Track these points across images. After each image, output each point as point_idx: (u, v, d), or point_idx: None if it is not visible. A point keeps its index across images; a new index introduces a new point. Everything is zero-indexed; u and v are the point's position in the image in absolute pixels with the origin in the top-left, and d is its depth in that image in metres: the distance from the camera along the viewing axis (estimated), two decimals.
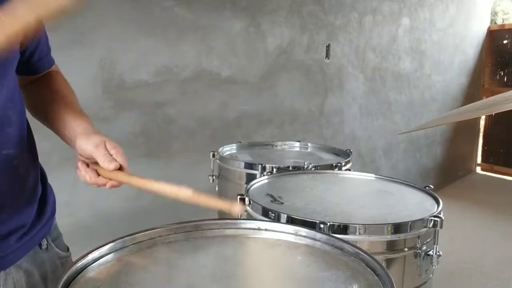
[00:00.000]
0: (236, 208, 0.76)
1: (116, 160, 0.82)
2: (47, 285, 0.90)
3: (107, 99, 2.02)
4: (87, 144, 0.83)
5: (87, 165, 0.86)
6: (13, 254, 0.84)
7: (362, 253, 0.75)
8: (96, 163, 0.83)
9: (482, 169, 5.68)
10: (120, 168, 0.83)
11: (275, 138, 2.72)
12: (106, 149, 0.83)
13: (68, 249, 0.99)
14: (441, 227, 1.04)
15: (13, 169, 0.83)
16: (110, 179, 0.84)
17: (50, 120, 0.93)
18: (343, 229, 1.00)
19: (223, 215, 1.59)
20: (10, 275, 0.84)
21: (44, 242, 0.92)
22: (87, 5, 1.87)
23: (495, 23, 7.51)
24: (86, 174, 0.85)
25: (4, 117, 0.81)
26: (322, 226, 0.98)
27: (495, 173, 5.51)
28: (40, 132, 0.95)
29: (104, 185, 0.85)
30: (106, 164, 0.81)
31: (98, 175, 0.85)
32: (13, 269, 0.85)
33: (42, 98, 0.95)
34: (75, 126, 0.88)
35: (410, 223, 1.03)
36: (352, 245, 0.78)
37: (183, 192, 0.77)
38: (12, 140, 0.83)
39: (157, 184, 0.81)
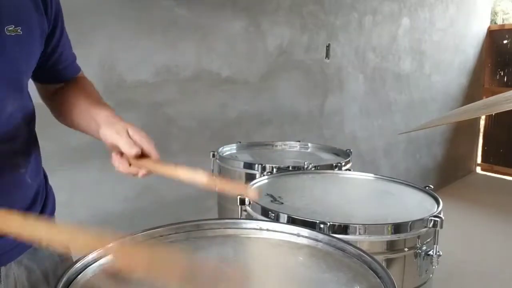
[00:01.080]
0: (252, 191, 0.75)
1: (138, 146, 0.80)
2: (48, 282, 0.90)
3: (107, 99, 1.99)
4: (110, 131, 0.82)
5: (121, 155, 0.83)
6: (13, 251, 0.85)
7: (364, 254, 0.74)
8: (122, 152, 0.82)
9: (482, 169, 5.67)
10: (145, 155, 0.81)
11: (275, 138, 2.71)
12: (129, 136, 0.80)
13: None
14: (441, 227, 1.04)
15: (20, 178, 0.84)
16: (140, 168, 0.82)
17: (75, 118, 0.93)
18: (343, 229, 1.00)
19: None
20: (11, 270, 0.85)
21: None
22: (87, 5, 1.87)
23: (495, 23, 7.51)
24: (119, 164, 0.83)
25: (20, 129, 0.83)
26: (322, 226, 0.98)
27: (495, 173, 5.50)
28: (41, 133, 0.95)
29: (137, 174, 0.83)
30: (128, 150, 0.79)
31: (130, 164, 0.82)
32: (14, 265, 0.86)
33: (67, 100, 0.96)
34: (97, 116, 0.87)
35: (410, 223, 1.03)
36: (354, 246, 0.78)
37: (200, 177, 0.77)
38: (23, 150, 0.85)
39: (178, 171, 0.80)
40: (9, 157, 0.81)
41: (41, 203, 0.91)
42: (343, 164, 1.59)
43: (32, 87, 0.94)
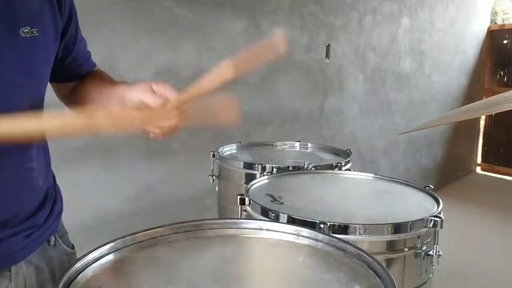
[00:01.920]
0: (277, 36, 0.65)
1: (163, 97, 0.80)
2: (55, 281, 0.91)
3: None
4: (134, 91, 0.82)
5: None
6: (23, 250, 0.85)
7: (364, 254, 0.74)
8: (149, 110, 0.80)
9: (482, 169, 5.68)
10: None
11: (275, 138, 2.71)
12: (153, 90, 0.81)
13: (73, 247, 1.00)
14: (441, 227, 1.04)
15: (32, 181, 0.85)
16: (171, 114, 0.80)
17: (95, 100, 0.92)
18: (343, 229, 1.00)
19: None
20: (21, 270, 0.85)
21: (52, 239, 0.93)
22: (87, 5, 1.87)
23: (495, 23, 7.51)
24: (158, 126, 0.81)
25: None
26: (322, 226, 0.98)
27: (495, 173, 5.50)
28: None
29: (176, 124, 0.81)
30: (153, 102, 0.78)
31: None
32: (24, 264, 0.86)
33: (86, 90, 0.95)
34: (119, 88, 0.87)
35: (410, 223, 1.03)
36: (354, 246, 0.78)
37: (224, 69, 0.73)
38: (35, 153, 0.85)
39: (202, 82, 0.77)
40: (25, 162, 0.82)
41: (50, 204, 0.91)
42: (343, 164, 1.59)
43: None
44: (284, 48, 0.64)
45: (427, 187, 1.29)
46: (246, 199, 1.14)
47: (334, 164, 1.58)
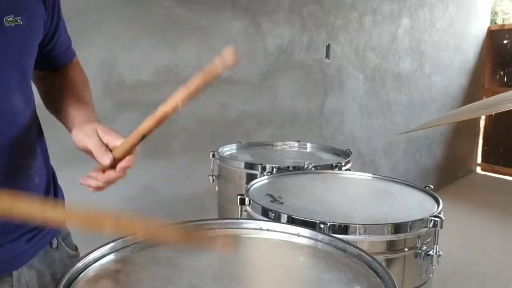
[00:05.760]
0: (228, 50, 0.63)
1: (110, 151, 0.76)
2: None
3: (107, 99, 2.02)
4: (80, 135, 0.78)
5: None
6: (25, 254, 0.84)
7: (364, 254, 0.75)
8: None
9: (482, 169, 5.68)
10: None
11: (275, 138, 2.71)
12: (99, 138, 0.76)
13: (76, 248, 0.99)
14: (441, 227, 1.04)
15: (29, 178, 0.83)
16: (114, 165, 0.76)
17: (58, 113, 0.91)
18: (343, 229, 1.00)
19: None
20: (22, 274, 0.84)
21: (55, 241, 0.92)
22: (87, 5, 1.87)
23: (495, 23, 7.52)
24: (94, 183, 0.79)
25: (27, 128, 0.82)
26: (322, 226, 0.98)
27: (495, 173, 5.51)
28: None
29: (114, 178, 0.77)
30: (100, 159, 0.75)
31: (103, 171, 0.78)
32: (25, 269, 0.85)
33: (55, 90, 0.93)
34: (74, 116, 0.85)
35: (410, 223, 1.03)
36: (355, 246, 0.78)
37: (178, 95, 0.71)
38: (30, 149, 0.84)
39: (147, 122, 0.77)
40: (20, 158, 0.81)
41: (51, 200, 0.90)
42: (343, 164, 1.59)
43: None
44: (233, 61, 0.64)
45: (427, 187, 1.29)
46: (246, 199, 1.14)
47: (334, 164, 1.58)
